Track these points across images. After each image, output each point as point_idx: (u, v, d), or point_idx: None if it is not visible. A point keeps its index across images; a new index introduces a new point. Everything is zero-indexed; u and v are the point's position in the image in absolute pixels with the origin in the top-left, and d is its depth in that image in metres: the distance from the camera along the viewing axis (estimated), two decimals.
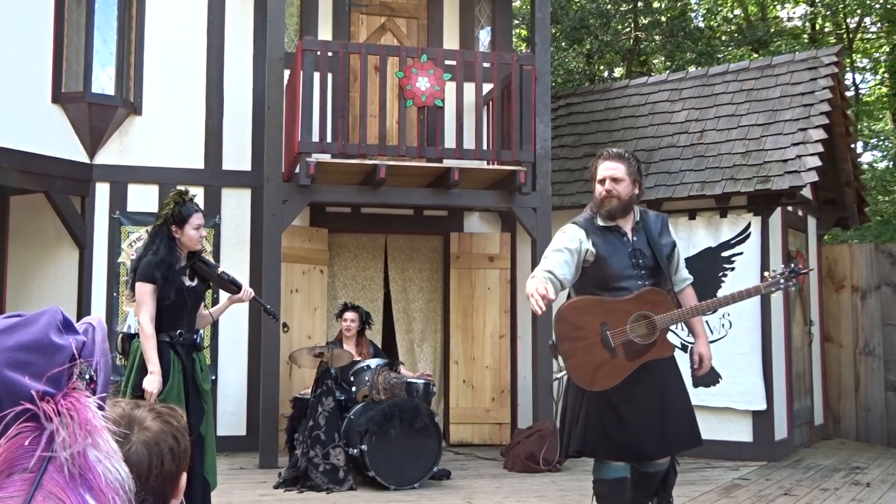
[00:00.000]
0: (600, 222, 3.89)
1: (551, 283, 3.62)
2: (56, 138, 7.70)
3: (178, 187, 4.69)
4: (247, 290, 4.59)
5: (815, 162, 7.57)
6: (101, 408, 1.03)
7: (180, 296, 4.35)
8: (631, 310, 3.74)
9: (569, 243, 3.82)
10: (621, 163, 3.87)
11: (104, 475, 0.98)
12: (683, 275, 4.03)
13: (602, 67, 17.25)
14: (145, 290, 4.28)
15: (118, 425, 1.22)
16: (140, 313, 4.27)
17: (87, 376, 1.06)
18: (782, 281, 3.83)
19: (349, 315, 7.26)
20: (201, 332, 4.64)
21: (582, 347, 3.77)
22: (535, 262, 7.87)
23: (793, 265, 3.91)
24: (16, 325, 1.05)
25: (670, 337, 4.10)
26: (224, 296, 4.82)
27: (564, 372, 3.84)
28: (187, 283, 4.41)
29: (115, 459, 1.01)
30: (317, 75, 7.39)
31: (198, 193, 7.94)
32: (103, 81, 7.96)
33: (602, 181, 3.86)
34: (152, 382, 4.17)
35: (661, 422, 3.76)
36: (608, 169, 3.86)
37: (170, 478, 1.26)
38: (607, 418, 3.77)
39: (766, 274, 3.92)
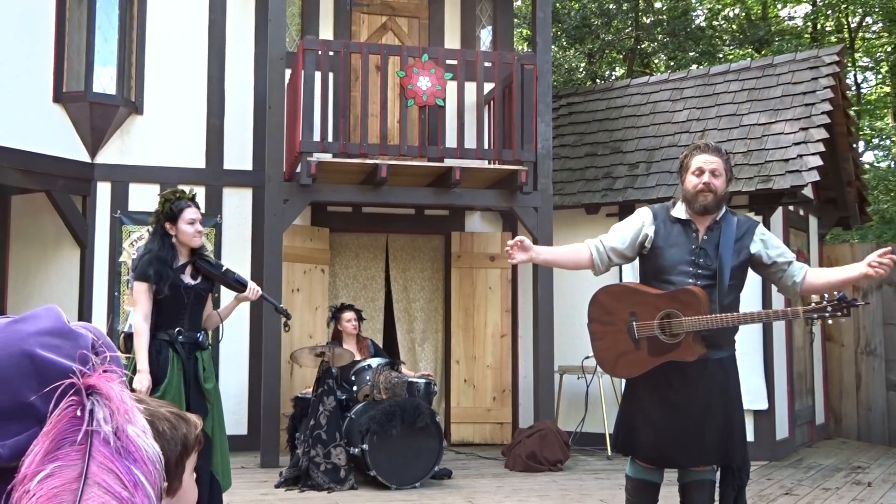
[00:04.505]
0: (674, 213, 3.75)
1: (595, 249, 3.74)
2: (57, 138, 7.70)
3: (181, 187, 4.66)
4: (253, 289, 4.48)
5: (817, 161, 7.57)
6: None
7: (175, 292, 4.30)
8: (661, 305, 3.61)
9: (631, 221, 3.81)
10: (720, 157, 3.70)
11: (144, 449, 1.02)
12: (793, 271, 3.66)
13: (604, 67, 17.24)
14: (140, 289, 4.27)
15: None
16: (135, 311, 4.27)
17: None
18: (829, 309, 3.45)
19: (348, 315, 7.26)
20: (207, 331, 4.57)
21: (609, 333, 3.73)
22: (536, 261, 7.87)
23: (843, 294, 3.48)
24: (24, 317, 1.08)
25: None
26: (230, 295, 4.74)
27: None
28: (187, 280, 4.37)
29: (150, 436, 1.05)
30: (318, 75, 7.39)
31: (199, 193, 7.99)
32: (104, 81, 7.96)
33: (699, 173, 3.64)
34: (141, 381, 4.15)
35: (699, 431, 3.62)
36: (708, 162, 3.65)
37: None
38: (638, 420, 3.72)
39: (813, 298, 3.58)
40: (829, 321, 3.52)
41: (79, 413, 0.99)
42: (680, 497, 3.88)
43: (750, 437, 7.70)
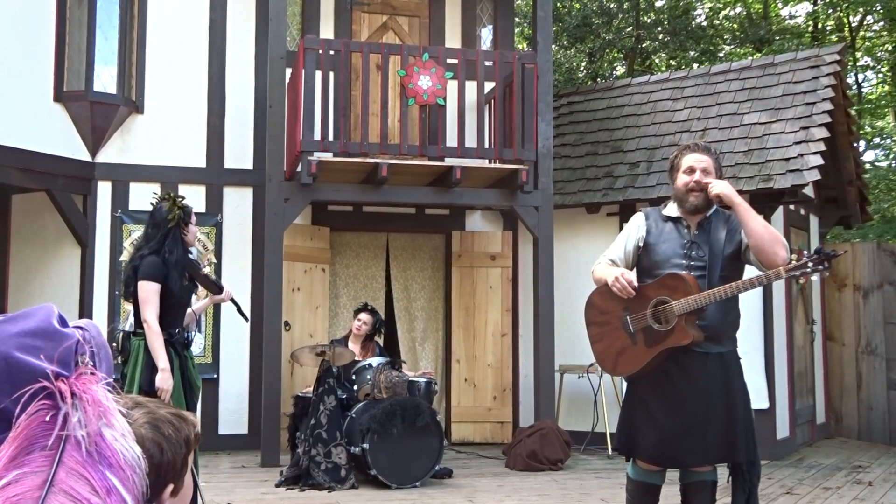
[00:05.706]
0: (665, 212, 3.79)
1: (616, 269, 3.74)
2: (58, 137, 7.70)
3: (180, 189, 4.77)
4: (228, 292, 4.93)
5: (818, 160, 7.56)
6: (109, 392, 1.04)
7: (182, 296, 4.46)
8: (651, 295, 3.62)
9: (626, 230, 3.85)
10: (709, 156, 3.72)
11: (122, 453, 0.99)
12: None
13: (604, 66, 17.24)
14: (151, 289, 4.33)
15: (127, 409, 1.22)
16: (147, 311, 4.30)
17: (90, 364, 1.06)
18: (809, 265, 3.41)
19: (364, 317, 7.24)
20: (192, 329, 4.78)
21: (606, 332, 3.75)
22: (537, 261, 7.88)
23: (819, 247, 3.51)
24: (15, 316, 1.06)
25: None
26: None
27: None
28: (184, 282, 4.51)
29: (130, 439, 1.02)
30: (318, 74, 7.39)
31: (199, 192, 8.01)
32: (105, 80, 7.96)
33: (690, 171, 3.67)
34: (166, 380, 4.24)
35: (701, 429, 3.59)
36: (698, 161, 3.68)
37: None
38: (640, 419, 3.71)
39: (791, 257, 3.52)
40: (813, 277, 3.52)
41: (48, 418, 0.96)
42: (681, 498, 3.88)
43: None
